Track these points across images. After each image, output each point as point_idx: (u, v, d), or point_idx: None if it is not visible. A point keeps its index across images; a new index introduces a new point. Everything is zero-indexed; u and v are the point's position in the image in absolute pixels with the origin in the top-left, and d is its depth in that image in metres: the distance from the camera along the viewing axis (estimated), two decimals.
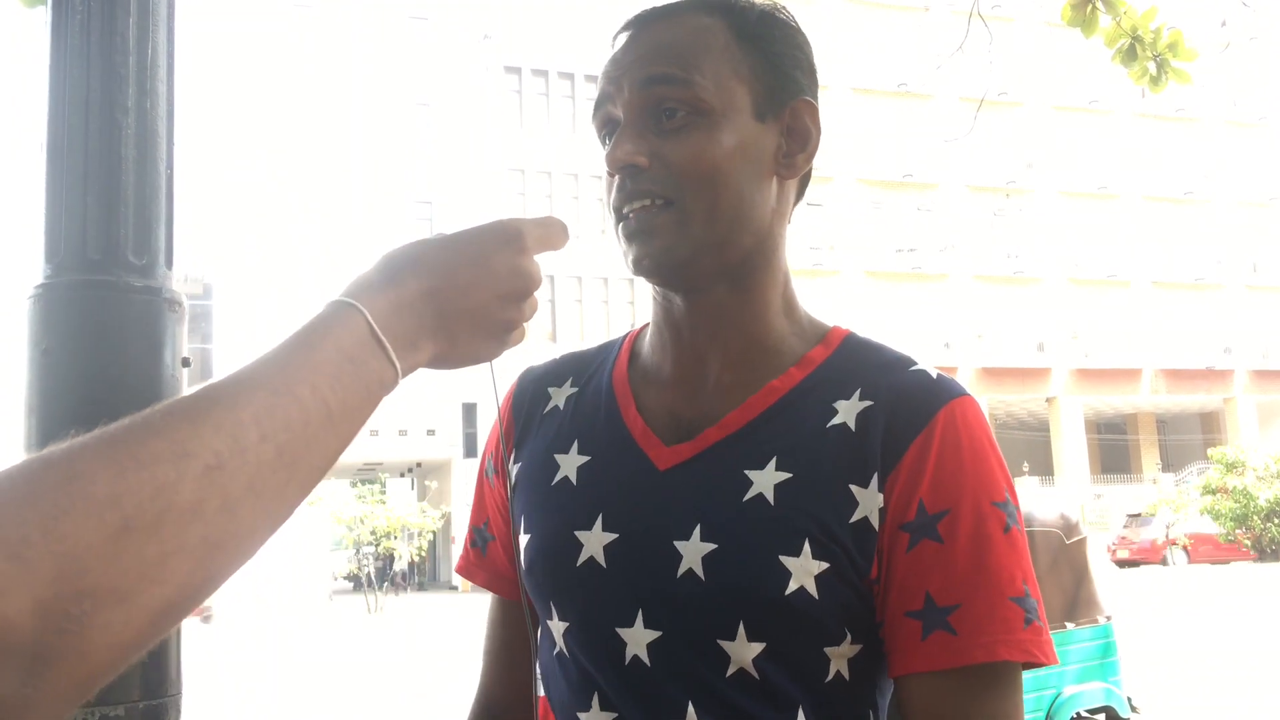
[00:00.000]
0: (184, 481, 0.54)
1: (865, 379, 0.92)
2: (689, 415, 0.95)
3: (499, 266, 0.76)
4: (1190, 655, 10.62)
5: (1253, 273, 39.04)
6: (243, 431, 0.58)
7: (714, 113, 0.91)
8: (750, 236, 0.93)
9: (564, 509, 0.96)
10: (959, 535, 0.85)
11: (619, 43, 0.97)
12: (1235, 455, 29.66)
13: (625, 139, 0.92)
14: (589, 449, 0.98)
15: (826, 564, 0.86)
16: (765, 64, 0.94)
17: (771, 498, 0.88)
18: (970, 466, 0.87)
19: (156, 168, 1.25)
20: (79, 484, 0.51)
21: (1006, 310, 35.97)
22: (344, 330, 0.67)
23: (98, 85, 1.21)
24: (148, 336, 1.21)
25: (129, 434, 0.55)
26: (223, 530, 0.56)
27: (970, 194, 36.28)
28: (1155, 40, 3.20)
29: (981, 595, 0.84)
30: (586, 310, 33.05)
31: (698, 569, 0.88)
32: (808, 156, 0.96)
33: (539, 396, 1.06)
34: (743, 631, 0.86)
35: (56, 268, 1.20)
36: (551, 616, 0.97)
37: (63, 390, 1.18)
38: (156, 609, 0.54)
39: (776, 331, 0.96)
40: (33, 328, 1.19)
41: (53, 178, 1.21)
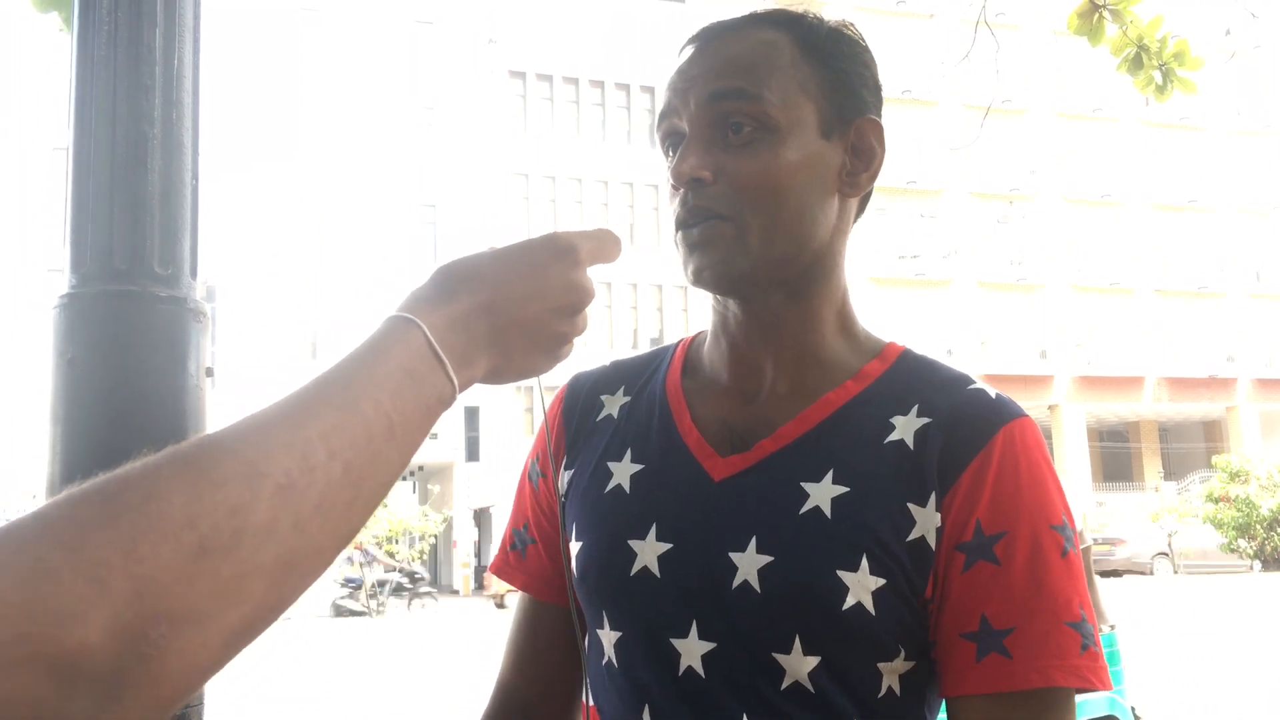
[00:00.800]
0: (258, 501, 0.54)
1: (923, 396, 0.92)
2: (743, 425, 0.95)
3: (553, 280, 0.76)
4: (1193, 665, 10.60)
5: (1256, 281, 39.00)
6: (311, 449, 0.58)
7: (780, 129, 0.91)
8: (810, 252, 0.93)
9: (617, 518, 0.96)
10: (1016, 558, 0.85)
11: (685, 55, 0.96)
12: (1239, 464, 29.63)
13: (690, 153, 0.92)
14: (642, 457, 0.98)
15: (884, 580, 0.86)
16: (832, 81, 0.94)
17: (829, 511, 0.88)
18: (1028, 489, 0.87)
19: (182, 178, 1.26)
20: (156, 505, 0.51)
21: (1009, 317, 35.95)
22: (404, 346, 0.67)
23: (124, 96, 1.21)
24: (172, 346, 1.22)
25: (202, 454, 0.55)
26: (294, 549, 0.56)
27: (974, 201, 36.28)
28: (1161, 49, 3.20)
29: (1038, 620, 0.84)
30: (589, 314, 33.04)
31: (754, 581, 0.88)
32: (871, 175, 0.97)
33: (591, 404, 1.06)
34: (799, 645, 0.86)
35: (82, 277, 1.20)
36: (603, 626, 0.97)
37: (88, 399, 1.18)
38: (232, 630, 0.53)
39: (832, 345, 0.96)
40: (58, 337, 1.19)
41: (79, 187, 1.22)
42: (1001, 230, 36.77)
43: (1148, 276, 37.59)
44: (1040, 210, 37.02)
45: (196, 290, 1.28)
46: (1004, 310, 36.01)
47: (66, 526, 0.49)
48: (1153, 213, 38.14)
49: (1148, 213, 38.06)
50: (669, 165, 0.95)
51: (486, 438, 31.76)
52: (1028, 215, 36.99)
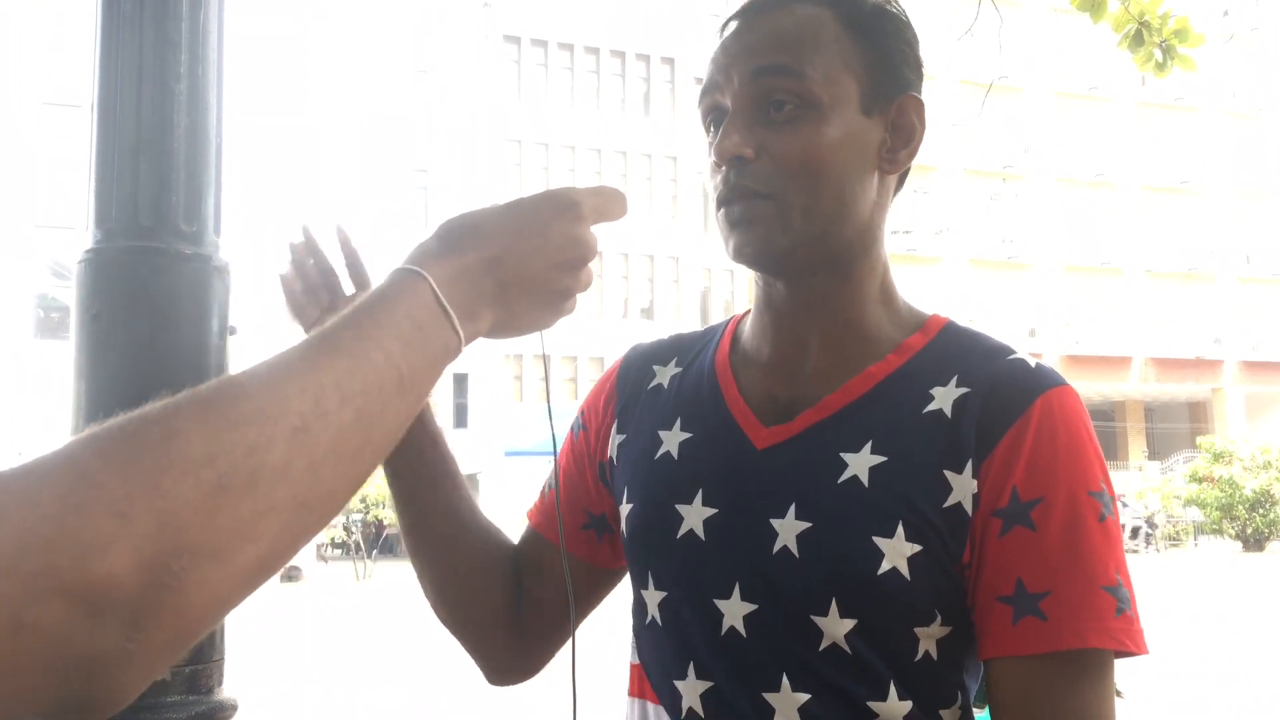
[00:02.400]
0: (274, 443, 0.56)
1: (962, 366, 0.94)
2: (787, 397, 0.97)
3: (556, 235, 0.77)
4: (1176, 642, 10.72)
5: (1246, 264, 39.12)
6: (324, 395, 0.60)
7: (823, 105, 0.92)
8: (850, 229, 0.95)
9: (665, 483, 1.00)
10: (1052, 523, 0.86)
11: (728, 30, 0.97)
12: (1223, 445, 29.83)
13: (733, 130, 0.93)
14: (691, 426, 1.01)
15: (919, 547, 0.88)
16: (875, 57, 0.95)
17: (866, 480, 0.90)
18: (1065, 456, 0.88)
19: (207, 135, 1.25)
20: (177, 443, 0.53)
21: (999, 295, 36.02)
22: (411, 298, 0.68)
23: (151, 51, 1.21)
24: (197, 303, 1.22)
25: (220, 395, 0.57)
26: (309, 490, 0.58)
27: (967, 178, 36.25)
28: (1162, 26, 3.20)
29: (1074, 583, 0.85)
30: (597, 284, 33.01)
31: (792, 546, 0.91)
32: (911, 152, 0.98)
33: (644, 373, 1.09)
34: (835, 608, 0.89)
35: (107, 233, 1.20)
36: (647, 586, 1.01)
37: (112, 355, 1.18)
38: (249, 566, 0.55)
39: (874, 319, 0.98)
40: (82, 293, 1.19)
41: (104, 144, 1.21)
42: (993, 208, 36.78)
43: (1138, 257, 37.69)
44: (1032, 189, 37.02)
45: (220, 248, 1.28)
46: (994, 288, 36.08)
47: (91, 462, 0.51)
48: (1145, 194, 38.18)
49: (1140, 193, 38.10)
50: (710, 142, 0.96)
51: (475, 405, 31.78)
52: (1020, 194, 36.99)
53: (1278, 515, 28.46)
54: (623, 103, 34.59)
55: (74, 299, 1.20)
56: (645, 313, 33.67)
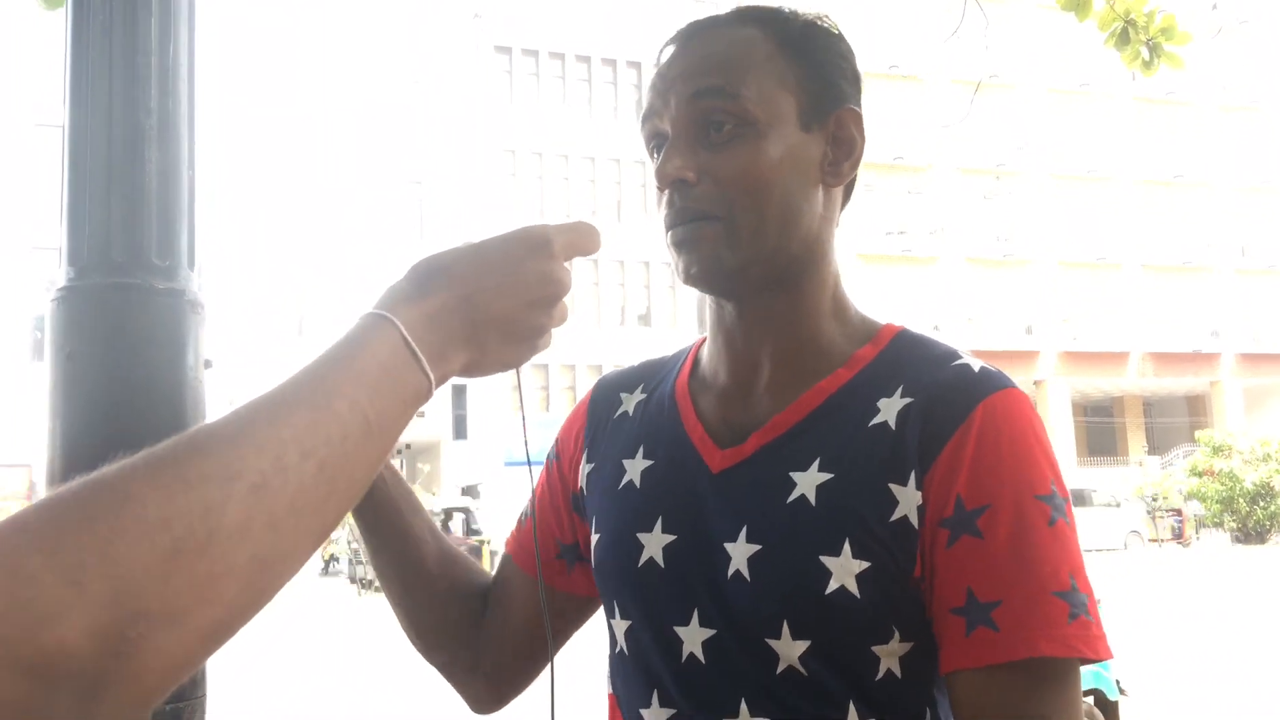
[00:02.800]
0: (230, 502, 0.55)
1: (908, 375, 0.92)
2: (741, 419, 0.97)
3: (527, 273, 0.76)
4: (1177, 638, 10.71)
5: (1241, 256, 39.16)
6: (284, 450, 0.59)
7: (760, 124, 0.92)
8: (798, 244, 0.95)
9: (629, 511, 1.00)
10: (998, 530, 0.84)
11: (664, 56, 0.98)
12: (1222, 438, 29.85)
13: (674, 154, 0.93)
14: (652, 454, 1.02)
15: (867, 563, 0.87)
16: (810, 73, 0.95)
17: (813, 498, 0.90)
18: (1010, 460, 0.86)
19: (179, 169, 1.25)
20: (131, 507, 0.52)
21: (996, 293, 36.05)
22: (379, 343, 0.67)
23: (120, 87, 1.20)
24: (171, 339, 1.21)
25: (176, 455, 0.56)
26: (269, 548, 0.57)
27: (961, 176, 36.29)
28: (1148, 24, 3.21)
29: (1022, 590, 0.83)
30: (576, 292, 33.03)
31: (744, 570, 0.91)
32: (853, 164, 0.98)
33: (611, 402, 1.10)
34: (787, 630, 0.89)
35: (80, 270, 1.19)
36: (615, 615, 1.01)
37: (87, 394, 1.17)
38: (208, 628, 0.54)
39: (826, 334, 0.98)
40: (56, 331, 1.19)
41: (75, 180, 1.21)
42: (988, 206, 36.82)
43: (1133, 252, 37.73)
44: (1027, 186, 37.07)
45: (194, 281, 1.27)
46: (991, 286, 36.11)
47: (44, 530, 0.50)
48: (1139, 188, 38.23)
49: (1134, 188, 38.16)
50: (655, 166, 0.97)
51: (474, 416, 31.76)
52: (1014, 191, 37.04)
53: (1278, 508, 28.46)
54: (615, 110, 34.63)
55: (47, 338, 1.20)
56: (642, 319, 33.68)
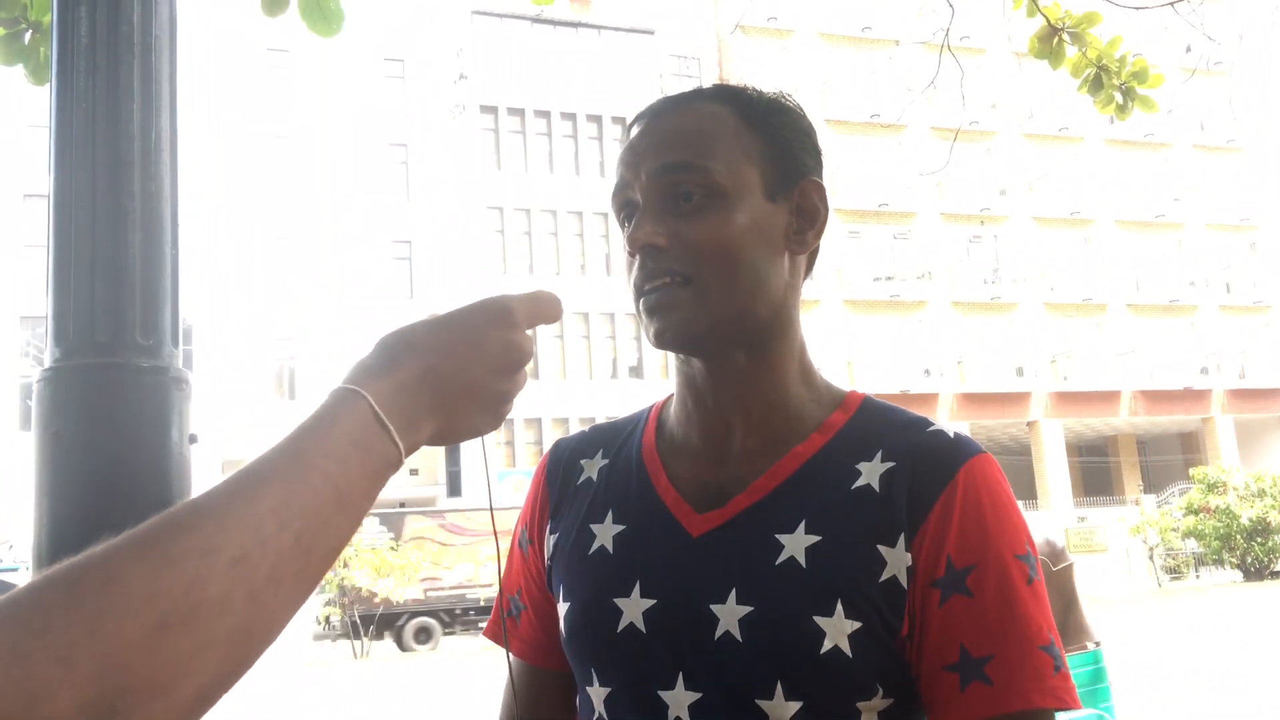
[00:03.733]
0: (213, 575, 0.57)
1: (885, 441, 0.96)
2: (717, 482, 0.99)
3: (490, 343, 0.78)
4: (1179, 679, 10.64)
5: (1226, 293, 39.40)
6: (262, 523, 0.61)
7: (728, 194, 0.96)
8: (765, 308, 0.98)
9: (602, 577, 1.01)
10: (987, 588, 0.89)
11: (634, 131, 1.02)
12: (1216, 475, 29.81)
13: (645, 221, 0.97)
14: (623, 519, 1.03)
15: (859, 623, 0.90)
16: (773, 147, 1.00)
17: (803, 560, 0.92)
18: (993, 521, 0.91)
19: (162, 250, 1.28)
20: (117, 585, 0.54)
21: (985, 336, 36.17)
22: (349, 416, 0.70)
23: (104, 172, 1.24)
24: (156, 415, 1.24)
25: (160, 533, 0.58)
26: (250, 619, 0.59)
27: (946, 222, 36.56)
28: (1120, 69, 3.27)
29: (1013, 646, 0.88)
30: (568, 346, 33.07)
31: (735, 631, 0.92)
32: (817, 233, 1.02)
33: (572, 469, 1.10)
34: (780, 691, 0.90)
35: (66, 350, 1.22)
36: (592, 683, 1.01)
37: (74, 471, 1.20)
38: (192, 698, 0.57)
39: (795, 398, 1.01)
40: (42, 411, 1.21)
41: (60, 262, 1.24)
42: (974, 251, 37.06)
43: (1119, 292, 37.94)
44: (1011, 230, 37.35)
45: (178, 359, 1.30)
46: (979, 330, 36.23)
47: (34, 612, 0.52)
48: (1122, 229, 38.54)
49: (1117, 229, 38.47)
50: (625, 235, 1.00)
51: (468, 473, 31.63)
52: (999, 235, 37.31)
53: (1276, 544, 28.37)
54: (601, 166, 34.91)
55: (34, 418, 1.22)
56: (634, 371, 33.71)
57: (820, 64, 35.24)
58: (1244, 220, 39.87)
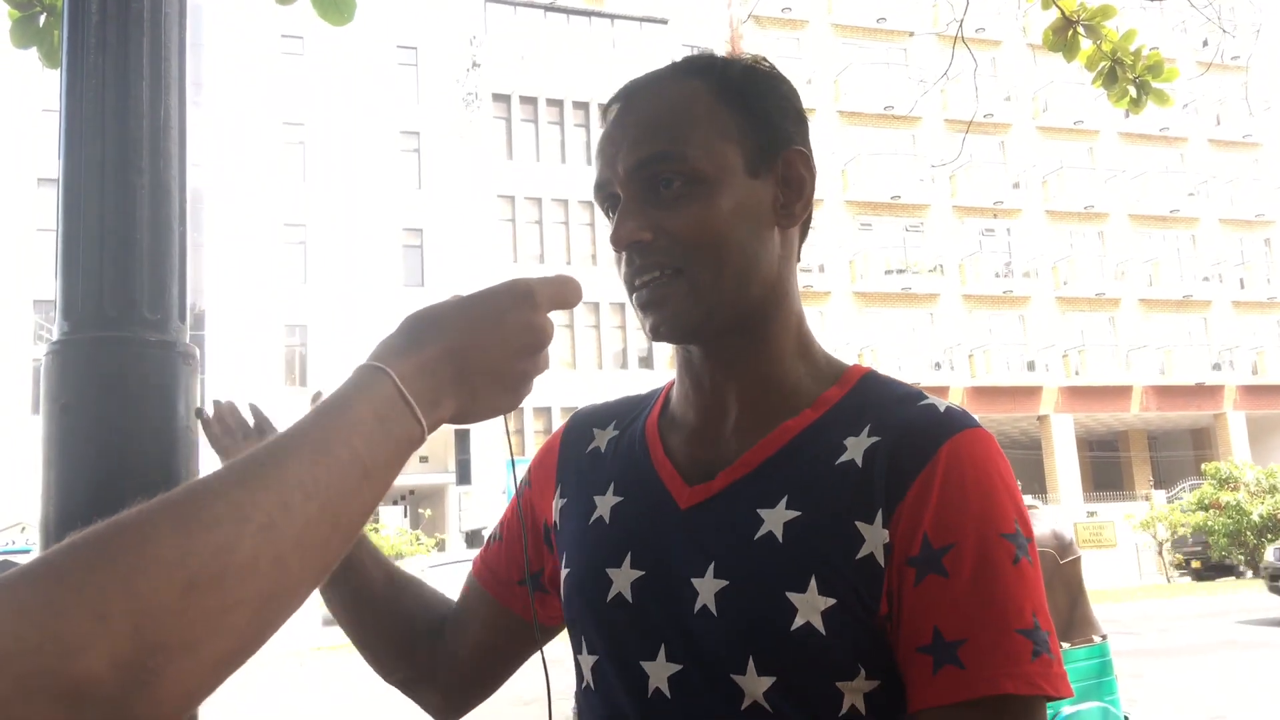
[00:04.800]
0: (241, 540, 0.60)
1: (875, 416, 0.95)
2: (709, 457, 0.99)
3: (512, 324, 0.80)
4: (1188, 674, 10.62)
5: (1240, 289, 39.22)
6: (290, 492, 0.64)
7: (709, 179, 0.94)
8: (758, 288, 0.97)
9: (598, 547, 1.02)
10: (964, 569, 0.86)
11: (610, 116, 1.01)
12: (1227, 471, 29.70)
13: (627, 217, 0.96)
14: (622, 490, 1.04)
15: (833, 600, 0.88)
16: (752, 120, 0.97)
17: (780, 535, 0.91)
18: (975, 499, 0.88)
19: (170, 225, 1.29)
20: (150, 546, 0.57)
21: (997, 330, 36.08)
22: (374, 393, 0.73)
23: (112, 148, 1.25)
24: (163, 390, 1.25)
25: (192, 498, 0.61)
26: (276, 583, 0.62)
27: (958, 216, 36.45)
28: (1135, 62, 3.26)
29: (987, 629, 0.85)
30: (578, 335, 33.09)
31: (711, 605, 0.92)
32: (805, 204, 1.00)
33: (583, 437, 1.12)
34: (752, 666, 0.90)
35: (74, 324, 1.23)
36: (582, 651, 1.02)
37: (81, 444, 1.21)
38: (220, 658, 0.59)
39: (792, 373, 1.00)
40: (51, 384, 1.22)
41: (69, 237, 1.25)
42: (986, 244, 36.94)
43: (1132, 287, 37.79)
44: (1024, 224, 37.22)
45: (185, 334, 1.31)
46: (991, 324, 36.14)
47: (71, 569, 0.55)
48: (1135, 224, 38.38)
49: (1130, 224, 38.31)
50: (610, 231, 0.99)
51: (478, 461, 31.71)
52: (1012, 229, 37.19)
53: None
54: None
55: (42, 390, 1.23)
56: (644, 361, 33.72)
57: (834, 55, 35.11)
58: (1259, 216, 39.65)
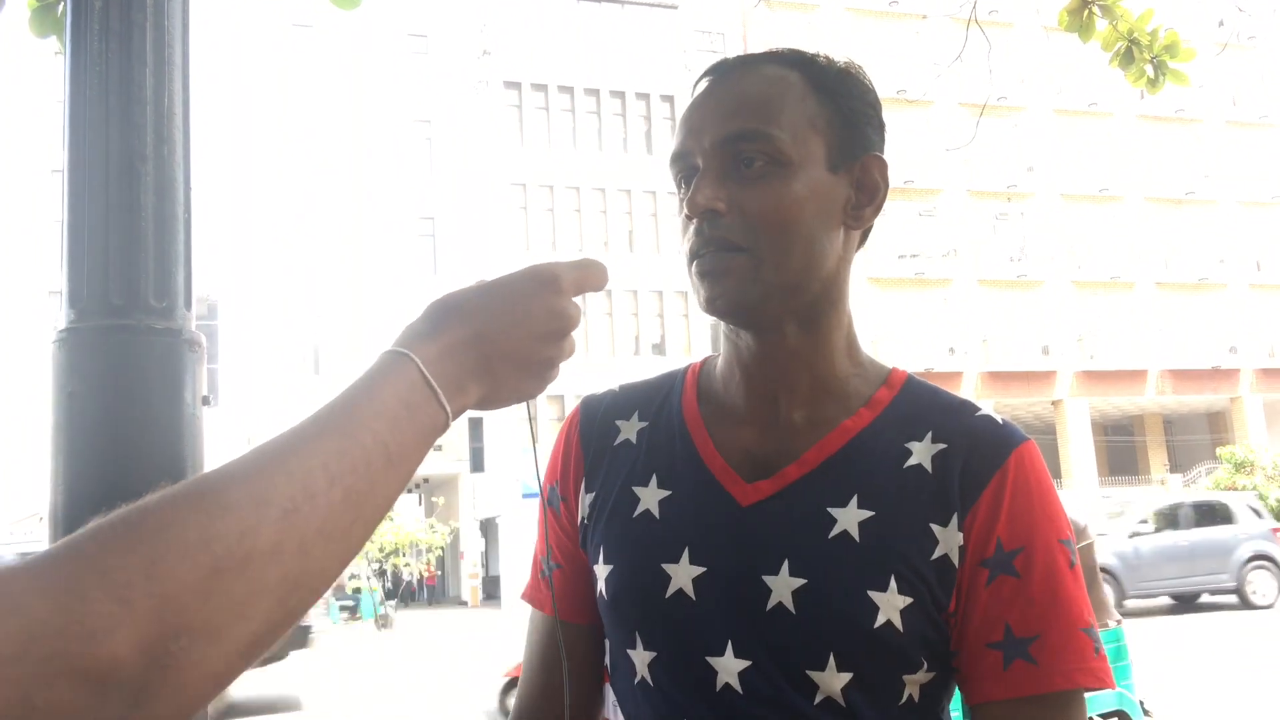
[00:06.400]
0: (265, 526, 0.60)
1: (934, 422, 0.98)
2: (764, 452, 0.99)
3: (537, 309, 0.79)
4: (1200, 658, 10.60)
5: (1257, 271, 38.97)
6: (313, 478, 0.63)
7: (792, 163, 0.95)
8: (818, 283, 0.98)
9: (649, 542, 1.00)
10: (1034, 571, 0.91)
11: (699, 89, 1.01)
12: (1244, 454, 29.58)
13: (705, 184, 0.95)
14: (669, 484, 1.02)
15: (911, 599, 0.91)
16: (839, 118, 0.98)
17: (857, 535, 0.93)
18: (1040, 506, 0.93)
19: (175, 212, 1.29)
20: (173, 530, 0.57)
21: (1011, 314, 35.95)
22: (399, 378, 0.72)
23: (117, 136, 1.25)
24: (169, 377, 1.25)
25: (214, 483, 0.61)
26: (299, 569, 0.62)
27: (972, 199, 36.30)
28: (1152, 42, 3.23)
29: (1057, 627, 0.90)
30: (592, 322, 33.10)
31: (788, 603, 0.93)
32: (875, 209, 1.01)
33: (607, 429, 1.09)
34: (833, 662, 0.91)
35: (80, 312, 1.23)
36: (635, 646, 1.01)
37: (88, 431, 1.21)
38: (244, 643, 0.59)
39: (842, 372, 1.01)
40: (57, 371, 1.23)
41: (74, 225, 1.25)
42: (1000, 228, 36.79)
43: (1147, 270, 37.59)
44: (1038, 207, 37.04)
45: (191, 321, 1.31)
46: (1005, 307, 36.02)
47: (95, 552, 0.55)
48: (1151, 206, 38.15)
49: (1146, 206, 38.07)
50: (682, 198, 0.99)
51: (491, 449, 31.80)
52: (1026, 212, 37.02)
53: None
54: (624, 142, 34.83)
55: (50, 378, 1.24)
56: (657, 349, 33.73)
57: (846, 38, 34.94)
58: (1275, 197, 39.36)
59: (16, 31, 2.25)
